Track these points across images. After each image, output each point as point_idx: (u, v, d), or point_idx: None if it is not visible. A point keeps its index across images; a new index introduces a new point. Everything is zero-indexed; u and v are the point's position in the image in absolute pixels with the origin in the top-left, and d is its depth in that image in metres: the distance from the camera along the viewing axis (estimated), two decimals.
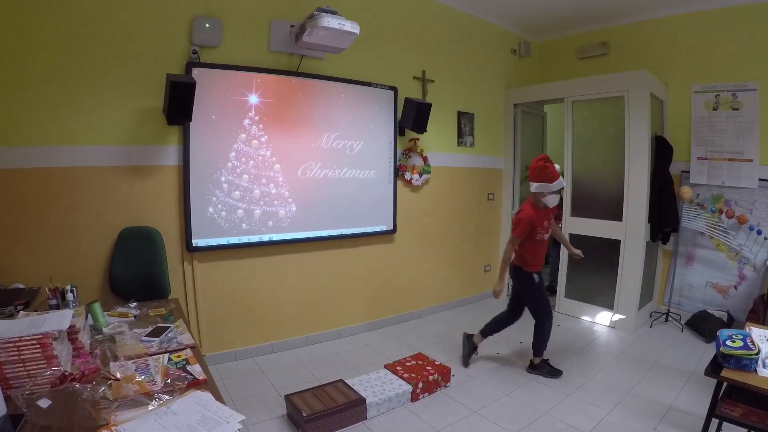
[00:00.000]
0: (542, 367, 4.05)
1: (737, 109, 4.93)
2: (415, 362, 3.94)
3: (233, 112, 3.94)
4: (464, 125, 5.86)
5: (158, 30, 3.62)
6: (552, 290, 5.89)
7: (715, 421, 2.35)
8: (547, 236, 3.93)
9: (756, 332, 2.42)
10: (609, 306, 5.28)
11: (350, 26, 3.63)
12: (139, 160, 3.64)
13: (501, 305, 4.49)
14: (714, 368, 2.29)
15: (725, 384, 2.30)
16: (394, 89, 4.94)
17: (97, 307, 2.52)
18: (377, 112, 4.84)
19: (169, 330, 2.44)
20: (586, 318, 5.50)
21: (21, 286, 3.00)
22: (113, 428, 1.50)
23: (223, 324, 4.14)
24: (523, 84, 6.44)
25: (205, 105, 3.75)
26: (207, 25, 3.74)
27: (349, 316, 4.99)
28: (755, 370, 2.19)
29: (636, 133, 4.93)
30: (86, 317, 2.36)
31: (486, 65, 6.09)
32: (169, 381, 1.88)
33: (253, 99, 4.01)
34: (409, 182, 5.23)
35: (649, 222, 5.09)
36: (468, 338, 4.29)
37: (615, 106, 5.12)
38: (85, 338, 2.13)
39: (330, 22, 3.53)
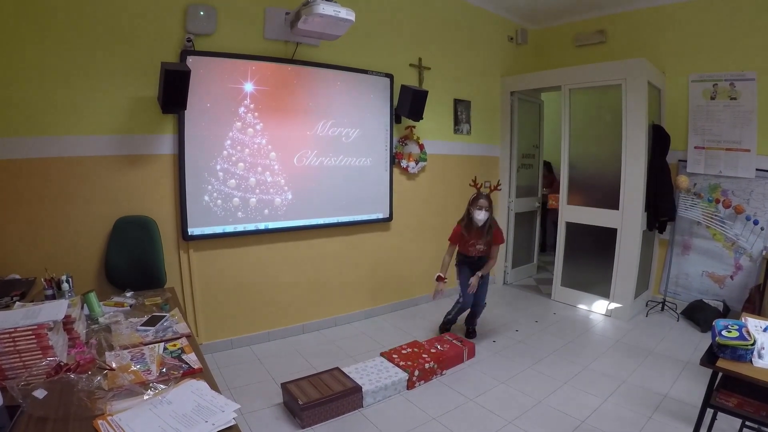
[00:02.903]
0: None
1: (735, 98, 4.91)
2: (411, 350, 3.95)
3: (228, 100, 3.91)
4: (461, 113, 5.84)
5: (153, 18, 3.58)
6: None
7: (710, 411, 2.36)
8: None
9: (752, 323, 2.42)
10: (605, 295, 5.30)
11: (346, 13, 3.59)
12: (134, 150, 3.62)
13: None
14: (709, 358, 2.29)
15: (720, 374, 2.30)
16: (390, 77, 4.91)
17: (92, 296, 2.51)
18: (373, 100, 4.82)
19: (164, 319, 2.43)
20: (582, 306, 5.52)
21: (17, 276, 2.99)
22: (109, 418, 1.49)
23: (219, 312, 4.14)
24: (520, 72, 6.40)
25: (200, 93, 3.71)
26: (201, 13, 3.71)
27: (346, 304, 5.00)
28: (750, 361, 2.19)
29: (633, 121, 4.91)
30: (82, 307, 2.36)
31: (483, 53, 6.05)
32: (164, 370, 1.87)
33: (249, 87, 3.98)
34: (405, 170, 5.22)
35: (646, 211, 5.09)
36: None
37: (612, 94, 5.10)
38: (80, 328, 2.12)
39: (325, 9, 3.49)
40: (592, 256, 5.47)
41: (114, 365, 1.86)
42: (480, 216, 4.15)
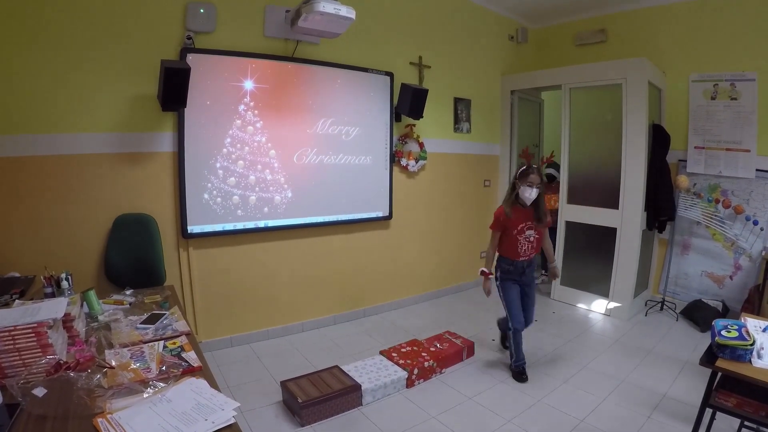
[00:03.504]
0: None
1: (735, 98, 4.91)
2: (410, 348, 3.95)
3: (228, 97, 3.90)
4: (461, 111, 5.84)
5: (152, 16, 3.57)
6: None
7: (709, 411, 2.36)
8: None
9: (751, 323, 2.42)
10: (604, 294, 5.30)
11: (346, 11, 3.59)
12: (134, 147, 3.61)
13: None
14: (709, 358, 2.29)
15: (720, 374, 2.31)
16: (391, 75, 4.90)
17: (92, 294, 2.51)
18: (373, 98, 4.81)
19: (164, 317, 2.43)
20: (581, 305, 5.52)
21: (16, 274, 2.99)
22: (108, 416, 1.49)
23: (218, 310, 4.14)
24: (520, 70, 6.40)
25: (199, 91, 3.71)
26: (201, 11, 3.70)
27: (346, 302, 5.00)
28: (750, 361, 2.19)
29: (633, 121, 4.90)
30: (81, 305, 2.36)
31: (483, 51, 6.05)
32: (164, 368, 1.87)
33: (249, 85, 3.98)
34: (405, 168, 5.22)
35: (646, 210, 5.09)
36: None
37: (613, 93, 5.09)
38: (80, 326, 2.12)
39: (326, 6, 3.49)
40: (591, 256, 5.47)
41: (114, 363, 1.86)
42: (530, 194, 3.52)
